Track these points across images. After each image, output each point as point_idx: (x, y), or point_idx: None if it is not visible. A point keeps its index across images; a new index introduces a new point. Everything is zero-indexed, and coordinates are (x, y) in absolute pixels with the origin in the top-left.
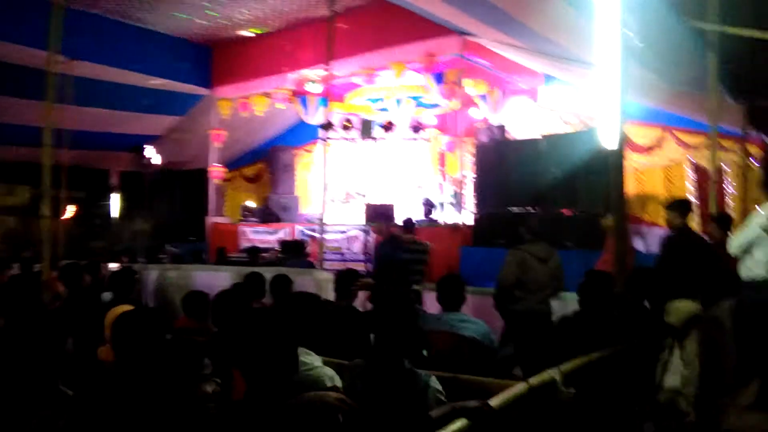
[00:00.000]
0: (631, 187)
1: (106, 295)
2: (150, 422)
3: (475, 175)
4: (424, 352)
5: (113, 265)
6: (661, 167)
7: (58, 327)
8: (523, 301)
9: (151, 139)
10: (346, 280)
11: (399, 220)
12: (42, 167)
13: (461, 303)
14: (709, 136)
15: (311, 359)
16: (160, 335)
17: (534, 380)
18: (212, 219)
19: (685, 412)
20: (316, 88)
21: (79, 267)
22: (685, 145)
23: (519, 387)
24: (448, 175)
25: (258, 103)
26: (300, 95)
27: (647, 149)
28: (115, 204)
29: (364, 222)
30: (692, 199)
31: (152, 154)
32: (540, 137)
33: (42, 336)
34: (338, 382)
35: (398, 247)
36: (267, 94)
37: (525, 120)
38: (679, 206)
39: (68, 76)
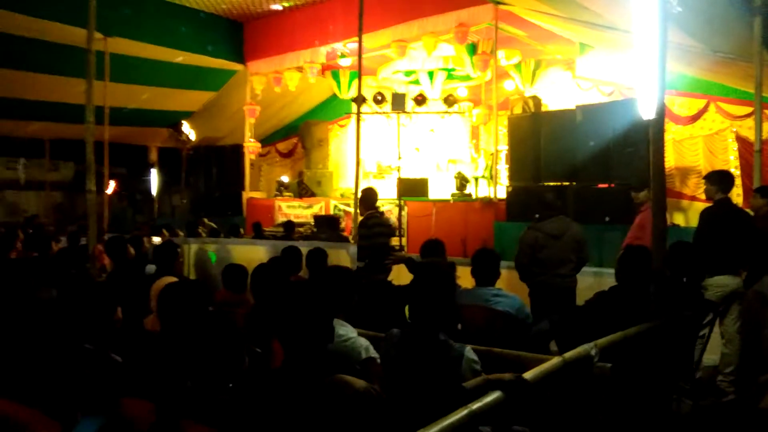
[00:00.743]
0: (671, 160)
1: (150, 268)
2: (197, 387)
3: (508, 148)
4: (459, 326)
5: (155, 239)
6: (702, 138)
7: (106, 298)
8: (541, 277)
9: (188, 116)
10: (379, 254)
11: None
12: (85, 143)
13: (495, 277)
14: (754, 106)
15: (346, 330)
16: (203, 306)
17: (569, 355)
18: (248, 194)
19: (724, 390)
20: (348, 62)
21: (124, 240)
22: (729, 116)
23: (554, 361)
24: (482, 148)
25: (291, 78)
26: (332, 69)
27: (689, 120)
28: (155, 179)
29: (396, 196)
30: (735, 171)
31: (189, 130)
32: (575, 108)
33: (92, 306)
34: (373, 353)
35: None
36: (299, 69)
37: (561, 91)
38: (719, 178)
39: (107, 54)
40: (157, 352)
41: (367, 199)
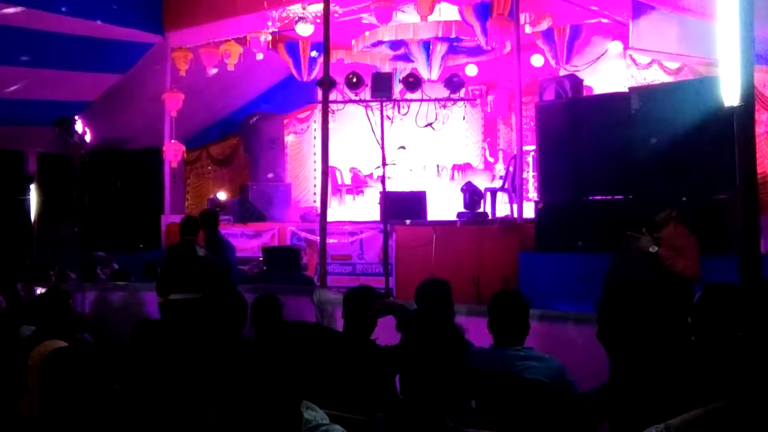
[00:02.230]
0: (761, 159)
1: (26, 329)
2: None
3: (538, 149)
4: (472, 403)
5: (39, 289)
6: None
7: None
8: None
9: (82, 108)
10: (358, 301)
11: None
12: None
13: (524, 333)
14: None
15: (314, 414)
16: (104, 381)
17: None
18: (169, 218)
19: None
20: (310, 30)
21: None
22: None
23: None
24: (499, 149)
25: (229, 53)
26: (287, 41)
27: None
28: (34, 199)
29: (380, 219)
30: None
31: (84, 129)
32: (629, 92)
33: None
34: None
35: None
36: (241, 41)
37: (609, 69)
38: None
39: None
40: None
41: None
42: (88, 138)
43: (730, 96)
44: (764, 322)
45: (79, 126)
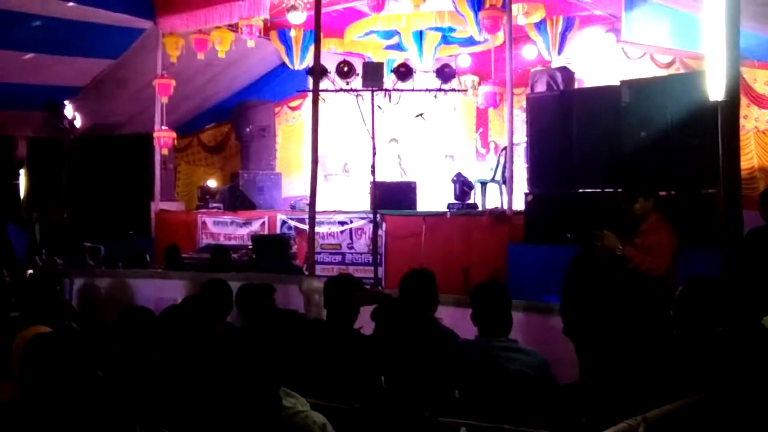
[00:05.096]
0: (753, 156)
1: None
2: None
3: (528, 141)
4: (456, 393)
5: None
6: None
7: None
8: None
9: (73, 93)
10: (339, 290)
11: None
12: None
13: (508, 325)
14: None
15: (294, 401)
16: (88, 369)
17: None
18: (159, 205)
19: None
20: (302, 18)
21: None
22: None
23: None
24: (491, 140)
25: (220, 40)
26: (279, 29)
27: None
28: (23, 184)
29: (371, 208)
30: None
31: (74, 114)
32: (620, 84)
33: None
34: None
35: None
36: (233, 27)
37: (600, 61)
38: None
39: None
40: None
41: None
42: (78, 123)
43: (716, 91)
44: (744, 314)
45: (69, 111)
